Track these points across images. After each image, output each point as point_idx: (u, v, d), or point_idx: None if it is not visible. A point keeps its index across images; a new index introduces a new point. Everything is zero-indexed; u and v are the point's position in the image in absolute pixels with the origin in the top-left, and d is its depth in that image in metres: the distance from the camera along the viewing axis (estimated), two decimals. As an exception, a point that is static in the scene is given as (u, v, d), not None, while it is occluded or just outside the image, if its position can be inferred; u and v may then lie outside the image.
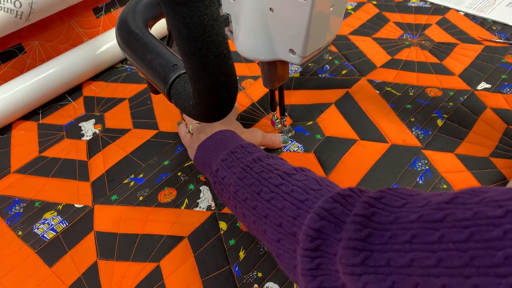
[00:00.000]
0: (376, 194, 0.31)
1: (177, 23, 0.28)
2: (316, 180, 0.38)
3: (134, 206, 0.57)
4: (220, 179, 0.46)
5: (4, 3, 0.64)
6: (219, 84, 0.33)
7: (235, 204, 0.43)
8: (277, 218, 0.37)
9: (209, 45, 0.29)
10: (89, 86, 0.78)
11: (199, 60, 0.30)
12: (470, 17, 0.84)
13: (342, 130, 0.63)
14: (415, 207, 0.28)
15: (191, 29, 0.28)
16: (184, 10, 0.27)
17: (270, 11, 0.43)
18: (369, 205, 0.30)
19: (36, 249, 0.53)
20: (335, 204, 0.33)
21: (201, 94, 0.34)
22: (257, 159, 0.44)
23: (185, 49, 0.30)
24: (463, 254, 0.22)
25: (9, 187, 0.62)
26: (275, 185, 0.39)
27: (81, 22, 0.82)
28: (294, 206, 0.36)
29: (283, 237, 0.36)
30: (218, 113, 0.37)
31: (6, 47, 0.74)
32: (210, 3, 0.27)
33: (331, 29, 0.46)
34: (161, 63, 0.40)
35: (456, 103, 0.65)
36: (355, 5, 0.92)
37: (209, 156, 0.49)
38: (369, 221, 0.29)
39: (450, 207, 0.25)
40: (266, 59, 0.48)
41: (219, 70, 0.31)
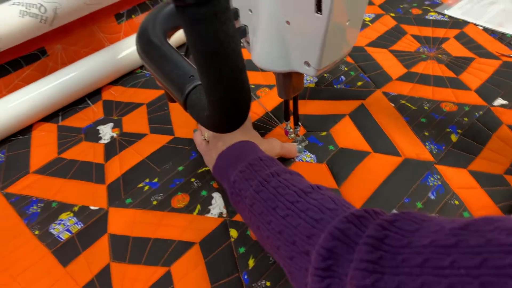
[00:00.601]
0: (390, 217, 0.31)
1: (194, 38, 0.29)
2: (332, 199, 0.38)
3: (147, 210, 0.58)
4: (237, 191, 0.46)
5: (30, 8, 0.66)
6: (233, 97, 0.34)
7: (251, 216, 0.43)
8: (291, 235, 0.37)
9: (225, 60, 0.30)
10: (108, 90, 0.80)
11: (214, 74, 0.31)
12: (489, 32, 0.84)
13: (355, 142, 0.63)
14: (428, 232, 0.28)
15: (207, 44, 0.29)
16: (201, 27, 0.28)
17: (287, 24, 0.44)
18: (382, 228, 0.30)
19: (51, 249, 0.55)
20: (349, 225, 0.33)
21: (215, 106, 0.35)
22: (275, 173, 0.45)
23: (201, 63, 0.31)
24: (474, 281, 0.22)
25: (28, 187, 0.63)
26: (291, 202, 0.39)
27: (103, 27, 0.84)
28: (309, 225, 0.36)
29: (296, 255, 0.37)
30: (231, 125, 0.38)
31: (30, 51, 0.76)
32: (226, 20, 0.28)
33: (348, 41, 0.47)
34: (178, 74, 0.41)
35: (471, 119, 0.65)
36: (373, 17, 0.93)
37: (228, 166, 0.50)
38: (381, 244, 0.29)
39: (463, 233, 0.25)
40: (282, 70, 0.49)
41: (233, 84, 0.32)
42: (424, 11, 0.93)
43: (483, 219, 0.26)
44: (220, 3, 0.27)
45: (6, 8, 0.66)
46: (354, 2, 0.42)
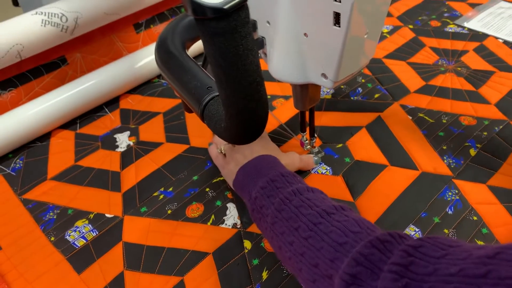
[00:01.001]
0: (415, 243, 0.31)
1: (213, 51, 0.29)
2: (356, 221, 0.38)
3: (162, 219, 0.58)
4: (258, 208, 0.46)
5: (51, 18, 0.67)
6: (250, 110, 0.34)
7: (272, 235, 0.43)
8: (314, 258, 0.37)
9: (243, 74, 0.30)
10: (126, 98, 0.81)
11: (232, 87, 0.31)
12: (509, 45, 0.83)
13: (372, 155, 0.63)
14: (455, 259, 0.27)
15: (227, 58, 0.29)
16: (221, 40, 0.28)
17: (304, 36, 0.44)
18: (407, 254, 0.30)
19: (66, 256, 0.55)
20: (373, 250, 0.32)
21: (233, 118, 0.35)
22: (297, 191, 0.44)
23: (220, 76, 0.31)
24: None
25: (45, 194, 0.64)
26: (314, 223, 0.39)
27: (122, 37, 0.85)
28: (332, 248, 0.36)
29: (318, 278, 0.36)
30: (247, 137, 0.38)
31: (50, 59, 0.77)
32: (246, 34, 0.28)
33: (365, 54, 0.46)
34: (196, 85, 0.41)
35: (491, 133, 0.64)
36: (391, 29, 0.92)
37: (249, 181, 0.50)
38: (406, 271, 0.29)
39: (493, 262, 0.25)
40: (299, 82, 0.49)
41: (251, 97, 0.33)
42: (443, 23, 0.92)
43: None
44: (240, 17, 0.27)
45: (28, 17, 0.67)
46: (372, 15, 0.42)
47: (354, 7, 0.37)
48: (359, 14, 0.39)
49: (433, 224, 0.53)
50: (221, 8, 0.26)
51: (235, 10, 0.27)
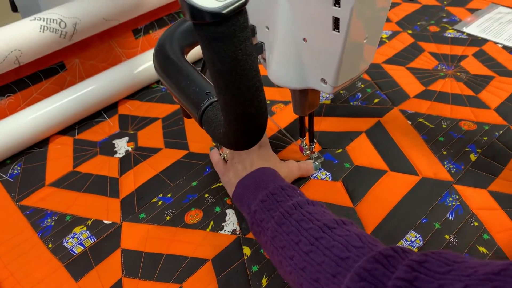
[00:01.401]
0: (419, 258, 0.30)
1: (211, 56, 0.29)
2: (358, 236, 0.37)
3: (160, 226, 0.57)
4: (258, 221, 0.45)
5: (50, 23, 0.67)
6: (250, 115, 0.33)
7: (272, 250, 0.42)
8: (315, 273, 0.36)
9: (242, 79, 0.30)
10: (124, 104, 0.81)
11: (231, 92, 0.31)
12: (509, 50, 0.83)
13: (371, 160, 0.62)
14: (460, 275, 0.27)
15: (225, 63, 0.29)
16: (219, 45, 0.28)
17: (304, 41, 0.44)
18: (412, 269, 0.29)
19: (64, 263, 0.55)
20: (377, 265, 0.32)
21: (232, 124, 0.35)
22: (297, 205, 0.43)
23: (218, 81, 0.31)
24: None
25: (43, 200, 0.64)
26: (315, 237, 0.38)
27: (121, 42, 0.85)
28: (334, 263, 0.35)
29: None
30: (247, 143, 0.37)
31: (49, 65, 0.77)
32: (245, 39, 0.28)
33: (365, 59, 0.46)
34: (195, 90, 0.41)
35: (491, 138, 0.64)
36: (390, 34, 0.92)
37: (248, 195, 0.49)
38: (411, 286, 0.28)
39: (499, 279, 0.24)
40: (298, 87, 0.49)
41: (250, 102, 0.32)
42: (442, 28, 0.92)
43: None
44: (239, 21, 0.27)
45: (27, 23, 0.67)
46: (372, 20, 0.41)
47: (353, 12, 0.37)
48: (358, 19, 0.38)
49: (434, 230, 0.52)
50: (219, 13, 0.26)
51: (234, 15, 0.27)
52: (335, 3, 0.37)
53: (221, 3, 0.26)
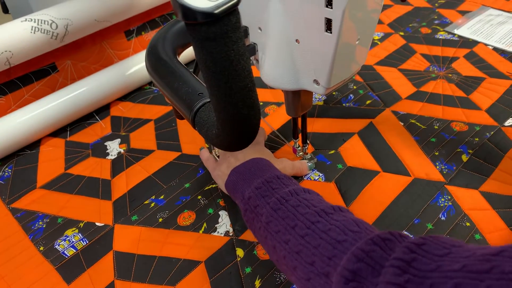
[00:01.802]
0: (417, 240, 0.31)
1: (204, 57, 0.29)
2: (355, 221, 0.37)
3: (153, 228, 0.57)
4: (252, 207, 0.45)
5: (41, 24, 0.67)
6: (242, 115, 0.33)
7: (266, 235, 0.42)
8: (310, 256, 0.36)
9: (234, 79, 0.30)
10: (116, 106, 0.80)
11: (224, 93, 0.31)
12: (499, 52, 0.84)
13: (364, 161, 0.62)
14: (458, 257, 0.27)
15: (218, 63, 0.29)
16: (212, 45, 0.28)
17: (296, 43, 0.44)
18: (410, 251, 0.30)
19: (56, 266, 0.54)
20: (374, 247, 0.32)
21: (224, 125, 0.34)
22: (294, 192, 0.44)
23: (211, 81, 0.31)
24: None
25: (34, 202, 0.63)
26: (312, 221, 0.38)
27: (113, 44, 0.84)
28: (331, 246, 0.35)
29: (314, 276, 0.35)
30: (239, 144, 0.37)
31: (40, 66, 0.76)
32: (237, 39, 0.28)
33: (357, 60, 0.46)
34: (187, 91, 0.41)
35: (482, 139, 0.64)
36: (382, 36, 0.93)
37: (242, 182, 0.49)
38: (409, 267, 0.28)
39: (497, 259, 0.25)
40: (290, 88, 0.49)
41: (243, 103, 0.32)
42: (433, 30, 0.93)
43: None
44: (231, 22, 0.27)
45: (18, 24, 0.66)
46: (364, 22, 0.42)
47: (345, 13, 0.37)
48: (350, 20, 0.39)
49: (426, 230, 0.53)
50: (211, 13, 0.26)
51: (226, 15, 0.27)
52: (328, 4, 0.37)
53: (213, 3, 0.26)
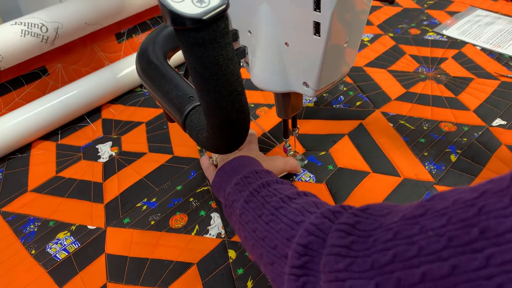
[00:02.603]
0: (362, 207, 0.32)
1: (193, 61, 0.29)
2: (315, 203, 0.38)
3: (145, 230, 0.57)
4: (230, 203, 0.46)
5: (31, 28, 0.67)
6: (232, 119, 0.34)
7: (239, 227, 0.43)
8: (273, 240, 0.37)
9: (224, 83, 0.30)
10: (108, 108, 0.80)
11: (213, 97, 0.31)
12: (487, 52, 0.85)
13: (354, 162, 0.63)
14: (398, 211, 0.28)
15: (207, 67, 0.29)
16: (201, 50, 0.28)
17: (286, 45, 0.44)
18: (354, 215, 0.31)
19: (47, 269, 0.54)
20: (324, 219, 0.33)
21: (214, 128, 0.35)
22: (266, 183, 0.45)
23: (200, 86, 0.31)
24: (441, 238, 0.23)
25: (25, 206, 0.63)
26: (276, 208, 0.39)
27: (104, 46, 0.84)
28: (289, 227, 0.36)
29: (276, 259, 0.36)
30: (229, 146, 0.38)
31: (31, 69, 0.76)
32: (226, 44, 0.29)
33: (346, 62, 0.47)
34: (178, 95, 0.41)
35: (471, 139, 0.65)
36: (371, 37, 0.93)
37: (225, 180, 0.50)
38: (353, 229, 0.29)
39: (431, 203, 0.26)
40: (280, 90, 0.49)
41: (232, 106, 0.33)
42: (422, 31, 0.94)
43: (452, 189, 0.26)
44: (219, 27, 0.27)
45: (7, 27, 0.66)
46: (352, 24, 0.42)
47: (334, 16, 0.37)
48: (339, 23, 0.39)
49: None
50: (200, 19, 0.26)
51: (215, 21, 0.27)
52: (316, 8, 0.38)
53: (201, 9, 0.26)
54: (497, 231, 0.21)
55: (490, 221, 0.21)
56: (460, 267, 0.22)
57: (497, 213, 0.21)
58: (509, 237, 0.20)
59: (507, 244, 0.20)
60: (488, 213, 0.22)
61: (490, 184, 0.24)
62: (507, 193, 0.22)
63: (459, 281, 0.21)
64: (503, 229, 0.21)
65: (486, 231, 0.21)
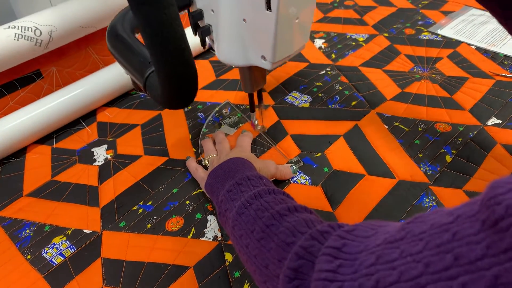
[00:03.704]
0: (349, 228, 0.32)
1: (141, 20, 0.33)
2: (305, 221, 0.38)
3: (141, 234, 0.57)
4: (223, 211, 0.47)
5: (25, 31, 0.66)
6: (178, 73, 0.38)
7: (233, 239, 0.44)
8: (265, 259, 0.37)
9: (168, 39, 0.35)
10: (103, 111, 0.80)
11: (160, 52, 0.36)
12: (482, 51, 0.85)
13: (350, 164, 0.63)
14: (381, 233, 0.29)
15: (152, 25, 0.33)
16: (145, 8, 0.32)
17: (244, 22, 0.47)
18: (340, 238, 0.31)
19: (43, 274, 0.54)
20: (313, 242, 0.33)
21: (165, 82, 0.39)
22: (258, 194, 0.44)
23: (149, 43, 0.35)
24: (419, 264, 0.23)
25: (21, 210, 0.63)
26: (267, 225, 0.39)
27: (98, 49, 0.84)
28: (280, 248, 0.36)
29: (268, 279, 0.36)
30: (180, 100, 0.43)
31: (25, 73, 0.76)
32: (168, 5, 0.33)
33: (299, 37, 0.50)
34: (140, 61, 0.45)
35: (466, 139, 0.65)
36: (366, 37, 0.93)
37: (218, 185, 0.50)
38: (340, 252, 0.30)
39: (410, 225, 0.26)
40: (243, 64, 0.53)
41: (177, 61, 0.37)
42: (417, 31, 0.94)
43: (434, 210, 0.27)
44: None
45: (1, 31, 0.66)
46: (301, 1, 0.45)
47: None
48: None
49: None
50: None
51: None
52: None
53: None
54: (470, 258, 0.21)
55: (463, 248, 0.22)
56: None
57: (469, 239, 0.22)
58: (480, 265, 0.20)
59: (479, 271, 0.20)
60: (461, 239, 0.22)
61: (464, 207, 0.24)
62: (478, 218, 0.22)
63: None
64: (474, 256, 0.21)
65: (460, 257, 0.21)
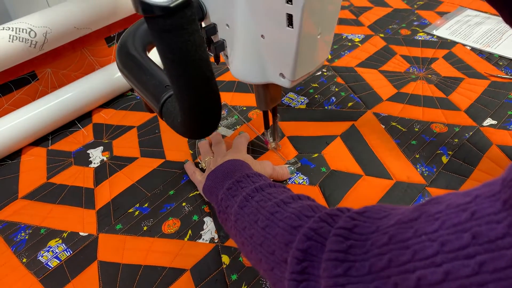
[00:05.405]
0: (359, 210, 0.32)
1: (163, 48, 0.31)
2: (311, 207, 0.38)
3: (138, 236, 0.57)
4: (224, 208, 0.46)
5: (19, 33, 0.66)
6: (202, 102, 0.36)
7: (236, 233, 0.43)
8: (271, 245, 0.37)
9: (192, 68, 0.33)
10: (99, 113, 0.80)
11: (183, 81, 0.34)
12: (477, 52, 0.85)
13: (347, 164, 0.63)
14: (395, 214, 0.29)
15: (176, 53, 0.31)
16: (169, 36, 0.30)
17: (262, 38, 0.45)
18: (352, 219, 0.31)
19: (39, 277, 0.54)
20: (322, 223, 0.33)
21: (186, 112, 0.37)
22: (259, 188, 0.44)
23: (171, 71, 0.33)
24: (434, 243, 0.23)
25: (16, 213, 0.62)
26: (271, 213, 0.39)
27: (94, 50, 0.84)
28: (287, 232, 0.36)
29: (275, 265, 0.36)
30: (202, 130, 0.40)
31: (20, 75, 0.75)
32: (194, 31, 0.31)
33: (320, 53, 0.48)
34: (155, 84, 0.43)
35: (462, 140, 0.65)
36: (362, 38, 0.94)
37: (217, 185, 0.50)
38: (351, 233, 0.30)
39: (426, 207, 0.26)
40: (259, 82, 0.51)
41: (201, 91, 0.35)
42: (413, 31, 0.94)
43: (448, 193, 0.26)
44: (186, 14, 0.30)
45: (-5, 33, 0.65)
46: (324, 15, 0.43)
47: (305, 8, 0.38)
48: (310, 14, 0.40)
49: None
50: (167, 7, 0.28)
51: (181, 8, 0.29)
52: (288, 1, 0.39)
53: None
54: (489, 237, 0.21)
55: (482, 227, 0.21)
56: (453, 273, 0.22)
57: (489, 218, 0.21)
58: (501, 244, 0.20)
59: (499, 251, 0.20)
60: (480, 218, 0.22)
61: (483, 188, 0.24)
62: (499, 198, 0.22)
63: (453, 287, 0.21)
64: (494, 235, 0.21)
65: (478, 236, 0.21)
